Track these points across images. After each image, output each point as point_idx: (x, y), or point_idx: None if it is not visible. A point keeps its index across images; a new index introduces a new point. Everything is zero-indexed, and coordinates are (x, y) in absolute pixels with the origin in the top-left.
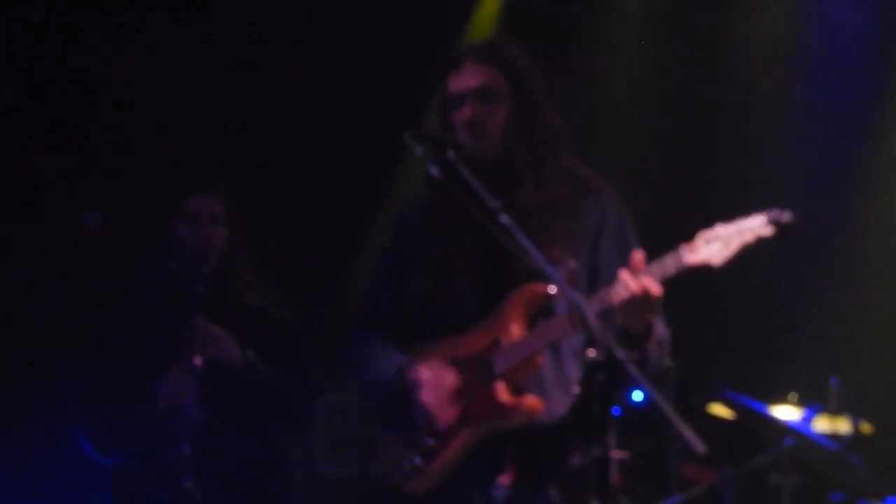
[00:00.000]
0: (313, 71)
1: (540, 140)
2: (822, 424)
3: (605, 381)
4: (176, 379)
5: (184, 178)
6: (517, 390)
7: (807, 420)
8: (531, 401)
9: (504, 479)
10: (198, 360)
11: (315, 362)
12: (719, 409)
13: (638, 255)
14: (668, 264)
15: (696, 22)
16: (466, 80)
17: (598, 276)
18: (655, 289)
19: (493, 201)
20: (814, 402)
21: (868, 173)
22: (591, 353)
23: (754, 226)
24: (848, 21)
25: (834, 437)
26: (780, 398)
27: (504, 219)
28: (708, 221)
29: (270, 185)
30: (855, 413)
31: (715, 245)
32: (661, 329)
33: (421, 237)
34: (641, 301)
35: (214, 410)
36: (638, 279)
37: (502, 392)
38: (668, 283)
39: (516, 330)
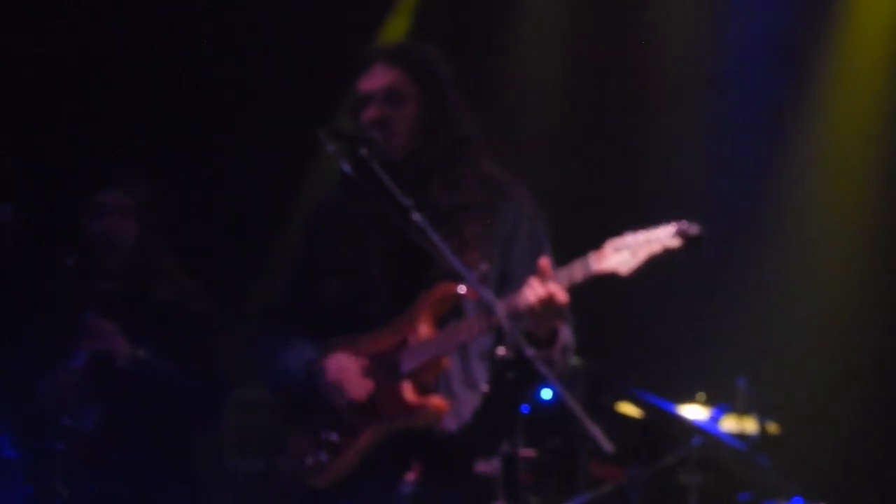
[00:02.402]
0: (230, 67)
1: (451, 142)
2: (730, 424)
3: (514, 379)
4: (60, 375)
5: (95, 171)
6: (424, 390)
7: (714, 420)
8: (437, 401)
9: (411, 476)
10: (81, 357)
11: (227, 356)
12: (628, 408)
13: (544, 262)
14: (576, 271)
15: (609, 29)
16: (373, 81)
17: (508, 280)
18: (562, 295)
19: (405, 199)
20: (721, 402)
21: (775, 179)
22: (501, 351)
23: (662, 237)
24: (760, 30)
25: (741, 437)
26: (689, 398)
27: (416, 217)
28: (617, 229)
29: (186, 180)
30: (762, 413)
31: (623, 254)
32: (566, 335)
33: (333, 236)
34: (548, 307)
35: (107, 407)
36: (545, 285)
37: (408, 391)
38: (577, 286)
39: (425, 330)
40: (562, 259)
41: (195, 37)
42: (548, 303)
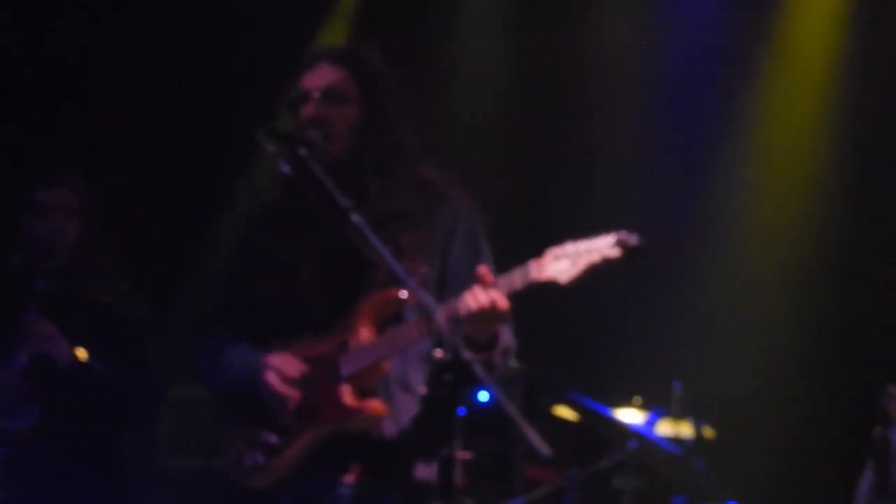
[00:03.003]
0: (168, 67)
1: (389, 148)
2: (666, 428)
3: (451, 381)
4: (0, 376)
5: (37, 170)
6: (363, 394)
7: (650, 424)
8: (375, 405)
9: (349, 479)
10: (22, 357)
11: (162, 356)
12: (564, 412)
13: (483, 269)
14: (516, 279)
15: (549, 31)
16: (317, 78)
17: (447, 284)
18: (502, 302)
19: (344, 200)
20: (657, 406)
21: (711, 185)
22: (439, 353)
23: (602, 246)
24: (700, 35)
25: (677, 441)
26: (625, 402)
27: (355, 218)
28: (557, 237)
29: (123, 181)
30: (697, 417)
31: (563, 262)
32: (507, 338)
33: (272, 236)
34: (488, 313)
35: (45, 408)
36: (486, 292)
37: (347, 395)
38: (517, 293)
39: (365, 334)
40: (502, 266)
41: (133, 37)
42: (489, 309)
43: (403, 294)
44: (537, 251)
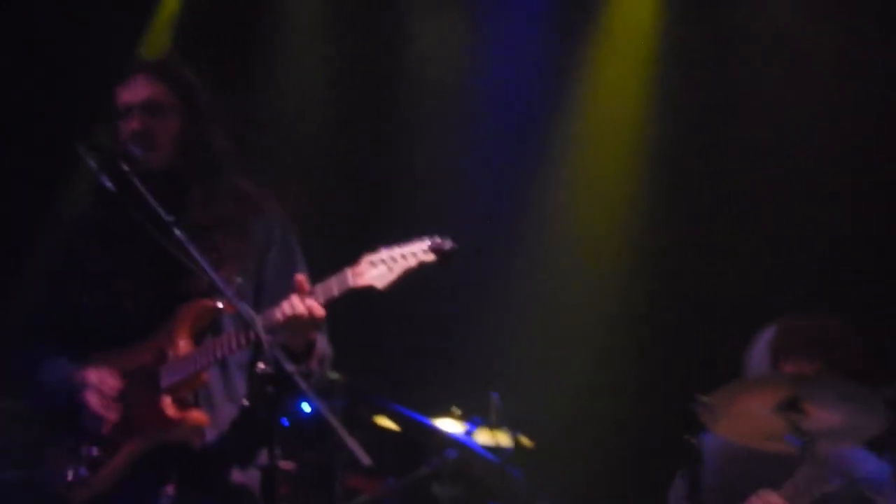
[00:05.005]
0: None
1: (208, 157)
2: (484, 437)
3: (273, 393)
4: None
5: None
6: (183, 404)
7: (469, 433)
8: (197, 415)
9: (170, 489)
10: None
11: None
12: (385, 421)
13: (301, 278)
14: (333, 286)
15: (372, 40)
16: (135, 92)
17: (263, 291)
18: (319, 311)
19: (166, 214)
20: (475, 416)
21: (530, 199)
22: (261, 365)
23: (417, 251)
24: (520, 43)
25: (497, 450)
26: (443, 411)
27: (177, 231)
28: (373, 242)
29: None
30: (514, 427)
31: (379, 268)
32: (323, 346)
33: (89, 249)
34: (305, 321)
35: None
36: (302, 300)
37: (168, 406)
38: (334, 301)
39: (184, 345)
40: (320, 271)
41: None
42: (305, 317)
43: (220, 304)
44: (353, 257)
